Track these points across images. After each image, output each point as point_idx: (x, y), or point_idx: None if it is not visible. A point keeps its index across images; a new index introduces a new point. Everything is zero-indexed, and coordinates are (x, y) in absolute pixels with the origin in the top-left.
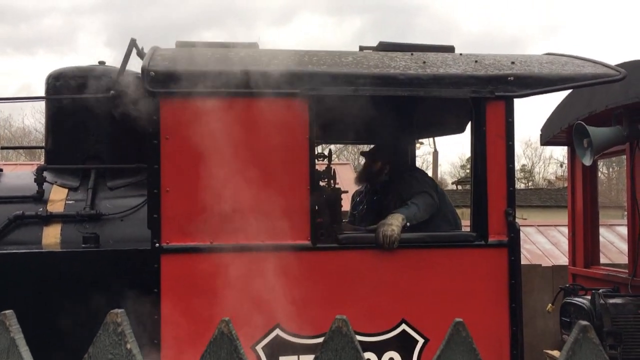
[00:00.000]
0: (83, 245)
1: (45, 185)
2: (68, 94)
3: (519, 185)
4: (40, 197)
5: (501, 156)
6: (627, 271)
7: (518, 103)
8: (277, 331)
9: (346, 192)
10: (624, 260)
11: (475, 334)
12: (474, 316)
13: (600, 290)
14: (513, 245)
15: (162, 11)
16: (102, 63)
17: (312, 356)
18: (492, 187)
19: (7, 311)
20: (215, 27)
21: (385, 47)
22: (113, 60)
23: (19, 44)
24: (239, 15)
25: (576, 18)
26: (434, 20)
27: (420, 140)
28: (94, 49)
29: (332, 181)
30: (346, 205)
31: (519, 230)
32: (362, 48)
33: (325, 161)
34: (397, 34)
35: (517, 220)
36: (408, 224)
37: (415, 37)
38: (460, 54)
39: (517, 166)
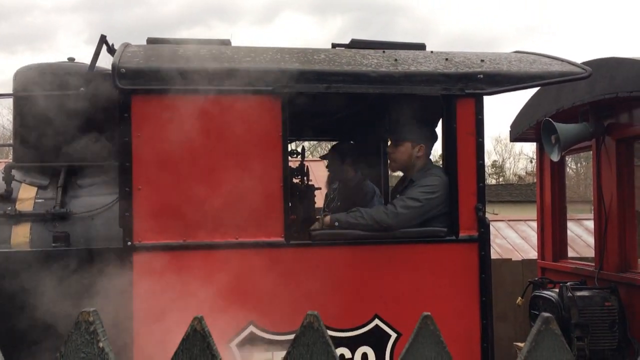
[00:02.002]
0: (53, 245)
1: (14, 183)
2: (36, 90)
3: (490, 180)
4: (8, 196)
5: (471, 152)
6: (594, 264)
7: (488, 100)
8: (251, 328)
9: (319, 188)
10: (592, 253)
11: (446, 327)
12: (445, 310)
13: (568, 284)
14: (483, 240)
15: (144, 11)
16: (71, 59)
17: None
18: (463, 183)
19: None
20: (198, 26)
21: (357, 44)
22: (89, 57)
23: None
24: (223, 15)
25: (550, 19)
26: (414, 21)
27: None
28: (75, 47)
29: (305, 178)
30: (320, 202)
31: (489, 225)
32: (334, 45)
33: (299, 158)
34: (378, 34)
35: (487, 215)
36: (337, 223)
37: (395, 37)
38: (431, 52)
39: (488, 162)
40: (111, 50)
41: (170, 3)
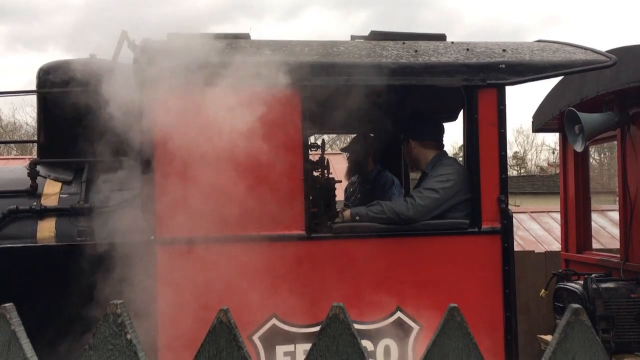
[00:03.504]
0: (78, 239)
1: (39, 179)
2: (59, 87)
3: (512, 172)
4: (34, 191)
5: (493, 144)
6: (619, 256)
7: (510, 90)
8: (274, 321)
9: (339, 181)
10: (616, 245)
11: (469, 320)
12: (468, 302)
13: (593, 275)
14: (506, 232)
15: (173, 8)
16: (93, 56)
17: (309, 345)
18: (485, 175)
19: (7, 304)
20: (225, 23)
21: (376, 36)
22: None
23: (30, 41)
24: (249, 12)
25: (577, 6)
26: (438, 12)
27: None
28: (104, 45)
29: (325, 171)
30: (340, 195)
31: (511, 217)
32: (353, 37)
33: (319, 151)
34: (402, 27)
35: (509, 207)
36: (357, 217)
37: (419, 29)
38: (452, 42)
39: (510, 153)
40: (132, 46)
41: (199, 1)
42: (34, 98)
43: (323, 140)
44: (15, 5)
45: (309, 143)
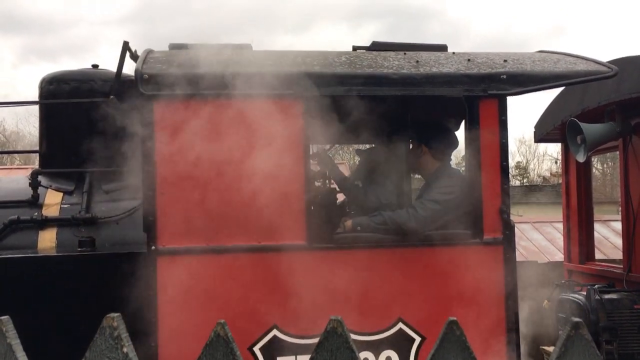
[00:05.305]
0: (79, 249)
1: (40, 189)
2: (61, 97)
3: (514, 182)
4: (35, 202)
5: (495, 154)
6: (622, 266)
7: (511, 100)
8: (274, 332)
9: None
10: (619, 255)
11: (470, 331)
12: (469, 314)
13: (596, 286)
14: (508, 242)
15: (184, 22)
16: (95, 66)
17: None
18: (487, 185)
19: (3, 317)
20: (237, 35)
21: (378, 46)
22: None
23: (44, 52)
24: (260, 24)
25: (582, 18)
26: (445, 24)
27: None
28: (116, 57)
29: (327, 181)
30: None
31: (513, 227)
32: (355, 48)
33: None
34: (408, 38)
35: (512, 217)
36: (359, 228)
37: (426, 41)
38: (453, 53)
39: (512, 163)
40: (135, 57)
41: (211, 14)
42: (37, 108)
43: (325, 150)
44: (30, 17)
45: (311, 153)
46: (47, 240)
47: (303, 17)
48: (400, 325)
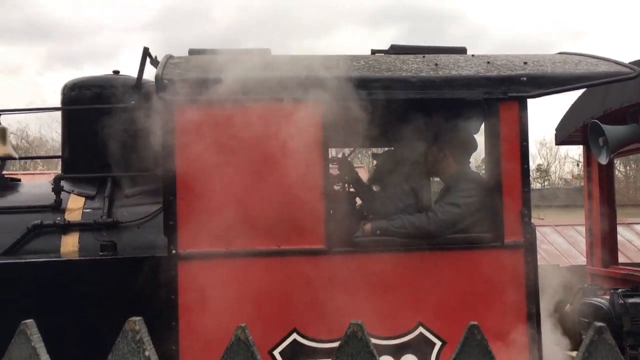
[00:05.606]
0: (101, 253)
1: (63, 194)
2: (83, 103)
3: (535, 185)
4: (58, 206)
5: (516, 157)
6: None
7: (532, 102)
8: (294, 336)
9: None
10: None
11: (492, 336)
12: (490, 318)
13: (619, 290)
14: (529, 245)
15: (204, 28)
16: (116, 72)
17: None
18: (507, 188)
19: (27, 320)
20: (257, 40)
21: (397, 50)
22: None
23: (68, 59)
24: (281, 30)
25: (603, 19)
26: (465, 28)
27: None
28: (138, 63)
29: (346, 185)
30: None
31: (535, 230)
32: (374, 52)
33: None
34: (428, 42)
35: (533, 220)
36: (378, 232)
37: (446, 44)
38: (472, 55)
39: (533, 166)
40: (155, 63)
41: (231, 19)
42: (60, 114)
43: (343, 154)
44: (55, 25)
45: (330, 157)
46: (70, 244)
47: (321, 22)
48: (421, 329)
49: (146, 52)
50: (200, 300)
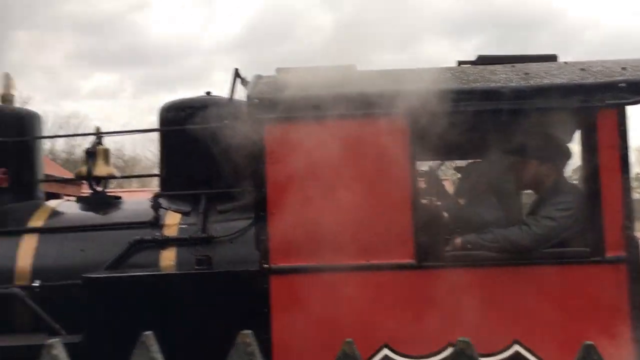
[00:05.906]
0: (196, 267)
1: (161, 210)
2: (179, 124)
3: (637, 195)
4: (156, 222)
5: (615, 166)
6: None
7: (631, 108)
8: (385, 351)
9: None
10: None
11: None
12: (592, 337)
13: None
14: (633, 260)
15: (291, 46)
16: (208, 93)
17: None
18: (607, 200)
19: (147, 332)
20: (340, 57)
21: (484, 60)
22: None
23: (161, 82)
24: (361, 45)
25: None
26: (554, 34)
27: None
28: (228, 83)
29: (434, 199)
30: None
31: (639, 243)
32: (460, 63)
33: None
34: (516, 50)
35: (637, 233)
36: (469, 246)
37: (535, 52)
38: (565, 63)
39: (633, 175)
40: (244, 82)
41: (315, 37)
42: (153, 134)
43: (431, 167)
44: (150, 50)
45: (418, 170)
46: (168, 258)
47: (404, 34)
48: (517, 347)
49: (236, 73)
50: (292, 314)
